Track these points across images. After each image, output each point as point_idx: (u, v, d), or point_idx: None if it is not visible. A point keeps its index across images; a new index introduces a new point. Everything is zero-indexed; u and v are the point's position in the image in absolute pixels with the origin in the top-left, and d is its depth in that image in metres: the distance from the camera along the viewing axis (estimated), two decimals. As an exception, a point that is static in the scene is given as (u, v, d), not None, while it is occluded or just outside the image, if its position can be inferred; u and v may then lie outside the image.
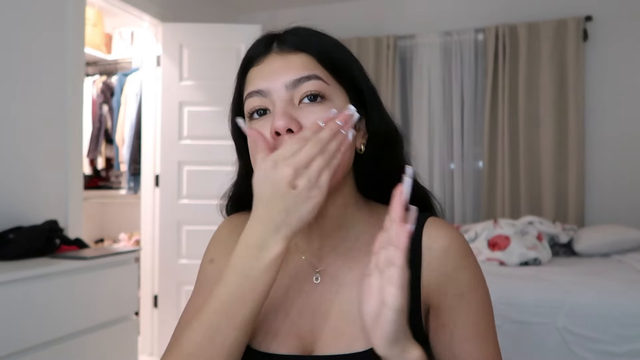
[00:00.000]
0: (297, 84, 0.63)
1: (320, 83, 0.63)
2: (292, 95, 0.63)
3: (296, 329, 0.67)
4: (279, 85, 0.63)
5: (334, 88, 0.65)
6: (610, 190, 3.25)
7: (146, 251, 3.09)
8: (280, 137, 0.62)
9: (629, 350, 1.88)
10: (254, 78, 0.66)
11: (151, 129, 3.11)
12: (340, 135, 0.59)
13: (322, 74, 0.64)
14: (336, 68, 0.66)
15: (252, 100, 0.65)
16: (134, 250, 2.01)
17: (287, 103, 0.63)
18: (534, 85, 3.36)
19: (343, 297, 0.67)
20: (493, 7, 3.50)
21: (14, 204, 1.96)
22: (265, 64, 0.66)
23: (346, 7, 3.75)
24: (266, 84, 0.64)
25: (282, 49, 0.66)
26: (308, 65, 0.64)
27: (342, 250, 0.70)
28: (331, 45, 0.68)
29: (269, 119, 0.64)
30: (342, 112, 0.61)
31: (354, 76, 0.68)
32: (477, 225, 2.88)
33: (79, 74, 2.30)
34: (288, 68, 0.64)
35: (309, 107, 0.63)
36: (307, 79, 0.63)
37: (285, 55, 0.65)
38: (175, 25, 3.08)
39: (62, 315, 1.62)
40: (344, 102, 0.66)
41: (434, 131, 3.59)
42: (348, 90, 0.67)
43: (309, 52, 0.65)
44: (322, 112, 0.62)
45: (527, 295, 2.05)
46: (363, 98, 0.69)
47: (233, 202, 0.80)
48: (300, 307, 0.68)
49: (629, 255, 2.61)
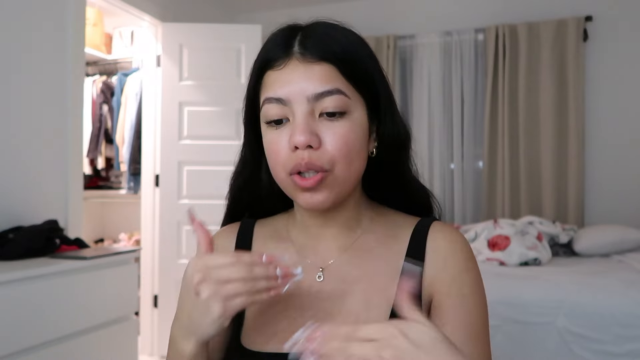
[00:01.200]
0: (319, 97, 0.62)
1: (342, 98, 0.62)
2: (314, 108, 0.62)
3: (296, 328, 0.66)
4: (301, 97, 0.62)
5: (354, 100, 0.64)
6: (610, 190, 3.25)
7: (146, 251, 3.09)
8: (299, 151, 0.62)
9: (629, 350, 1.88)
10: (272, 83, 0.64)
11: (151, 129, 3.11)
12: (275, 282, 0.57)
13: (344, 87, 0.63)
14: (357, 78, 0.65)
15: (270, 107, 0.64)
16: (134, 250, 2.01)
17: (307, 116, 0.62)
18: (534, 85, 3.36)
19: (346, 296, 0.66)
20: (493, 7, 3.50)
21: (14, 204, 1.96)
22: (286, 71, 0.63)
23: (346, 7, 3.75)
24: (286, 94, 0.62)
25: (305, 56, 0.63)
26: (331, 77, 0.63)
27: (347, 250, 0.70)
28: (354, 51, 0.65)
29: (287, 129, 0.63)
30: (288, 270, 0.58)
31: (374, 85, 0.67)
32: (477, 225, 2.88)
33: (79, 74, 2.30)
34: (310, 79, 0.62)
35: (329, 123, 0.62)
36: (329, 93, 0.62)
37: (308, 65, 0.63)
38: (175, 25, 3.08)
39: (62, 315, 1.61)
40: (362, 111, 0.65)
41: (434, 131, 3.59)
42: (367, 98, 0.66)
43: (332, 62, 0.63)
44: (341, 129, 0.62)
45: (527, 295, 2.05)
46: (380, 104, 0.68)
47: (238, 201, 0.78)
48: (302, 306, 0.67)
49: (629, 255, 2.61)
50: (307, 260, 0.71)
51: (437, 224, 0.70)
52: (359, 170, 0.66)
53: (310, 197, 0.63)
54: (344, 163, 0.63)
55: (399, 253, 0.69)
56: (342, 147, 0.62)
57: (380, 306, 0.65)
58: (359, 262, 0.69)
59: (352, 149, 0.63)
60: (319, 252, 0.71)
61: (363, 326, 0.47)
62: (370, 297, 0.66)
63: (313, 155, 0.61)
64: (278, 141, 0.64)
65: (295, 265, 0.59)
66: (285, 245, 0.73)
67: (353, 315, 0.65)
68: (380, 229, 0.72)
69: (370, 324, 0.47)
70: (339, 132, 0.62)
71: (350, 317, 0.65)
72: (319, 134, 0.62)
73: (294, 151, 0.62)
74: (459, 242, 0.68)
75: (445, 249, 0.67)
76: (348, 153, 0.63)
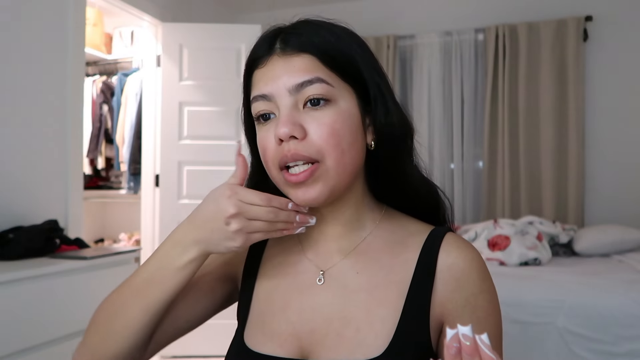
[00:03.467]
0: (299, 88, 0.61)
1: (323, 86, 0.62)
2: (297, 100, 0.62)
3: (295, 331, 0.65)
4: (282, 90, 0.62)
5: (340, 88, 0.63)
6: (610, 190, 3.24)
7: (146, 251, 3.09)
8: (284, 144, 0.61)
9: (629, 350, 1.88)
10: (257, 81, 0.65)
11: (151, 129, 3.11)
12: (291, 225, 0.63)
13: (325, 76, 0.62)
14: (340, 67, 0.63)
15: (257, 105, 0.64)
16: (134, 250, 2.01)
17: (291, 109, 0.62)
18: (534, 85, 3.36)
19: (347, 301, 0.64)
20: (493, 7, 3.50)
21: (14, 204, 1.96)
22: (268, 67, 0.64)
23: (346, 7, 3.75)
24: (269, 89, 0.63)
25: (285, 50, 0.63)
26: (310, 67, 0.62)
27: (349, 253, 0.68)
28: (335, 41, 0.64)
29: (274, 124, 0.63)
30: (306, 218, 0.64)
31: (360, 74, 0.65)
32: (477, 225, 2.88)
33: (79, 74, 2.29)
34: (290, 72, 0.62)
35: (313, 112, 0.62)
36: (309, 82, 0.61)
37: (287, 58, 0.63)
38: (175, 25, 3.08)
39: (62, 315, 1.61)
40: (351, 101, 0.64)
41: (434, 131, 3.59)
42: (355, 87, 0.65)
43: (311, 52, 0.63)
44: (326, 117, 0.61)
45: (527, 295, 2.05)
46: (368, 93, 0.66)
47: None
48: (301, 308, 0.66)
49: (629, 255, 2.61)
50: (306, 256, 0.70)
51: (451, 237, 0.66)
52: (354, 163, 0.64)
53: (303, 194, 0.62)
54: (334, 153, 0.61)
55: (407, 263, 0.65)
56: (328, 137, 0.61)
57: (385, 319, 0.62)
58: (362, 268, 0.66)
59: (342, 139, 0.61)
60: (319, 253, 0.69)
61: None
62: (374, 308, 0.63)
63: (298, 146, 0.61)
64: (267, 137, 0.64)
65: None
66: (292, 243, 0.72)
67: (353, 325, 0.63)
68: (387, 234, 0.69)
69: None
70: (325, 121, 0.61)
71: (350, 326, 0.63)
72: (303, 125, 0.61)
73: (279, 144, 0.62)
74: (474, 261, 0.64)
75: (458, 268, 0.63)
76: (338, 143, 0.61)
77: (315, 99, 0.62)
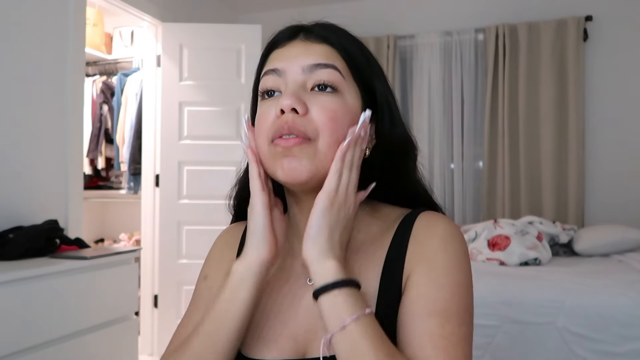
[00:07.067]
0: (313, 69, 0.64)
1: (336, 74, 0.64)
2: (306, 80, 0.64)
3: (290, 332, 0.65)
4: (296, 67, 0.64)
5: (349, 84, 0.65)
6: (610, 190, 3.24)
7: (146, 251, 3.09)
8: (284, 116, 0.62)
9: (629, 350, 1.88)
10: (273, 59, 0.67)
11: (151, 129, 3.11)
12: (360, 144, 0.63)
13: (340, 67, 0.65)
14: (356, 65, 0.66)
15: (266, 79, 0.66)
16: (134, 250, 2.01)
17: (299, 86, 0.63)
18: (534, 85, 3.36)
19: None
20: (493, 7, 3.50)
21: (14, 204, 1.96)
22: (288, 48, 0.66)
23: (346, 7, 3.75)
24: (283, 65, 0.65)
25: (308, 37, 0.67)
26: (329, 55, 0.65)
27: None
28: (356, 45, 0.68)
29: (277, 100, 0.64)
30: (365, 122, 0.63)
31: (371, 78, 0.67)
32: (477, 225, 2.88)
33: (79, 74, 2.30)
34: (308, 53, 0.65)
35: (319, 95, 0.63)
36: (324, 66, 0.64)
37: (309, 43, 0.66)
38: (175, 25, 3.08)
39: (62, 315, 1.61)
40: (356, 101, 0.66)
41: (434, 131, 3.59)
42: (362, 91, 0.67)
43: (332, 44, 0.66)
44: (330, 103, 0.63)
45: (527, 295, 2.05)
46: (376, 102, 0.68)
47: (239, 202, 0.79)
48: (294, 309, 0.67)
49: (629, 255, 2.61)
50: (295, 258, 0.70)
51: (425, 213, 0.68)
52: None
53: (288, 163, 0.61)
54: (329, 138, 0.62)
55: (384, 246, 0.67)
56: (328, 120, 0.62)
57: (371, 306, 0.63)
58: (349, 263, 0.66)
59: (340, 128, 0.62)
60: None
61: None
62: None
63: (297, 119, 0.61)
64: (267, 112, 0.64)
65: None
66: (289, 245, 0.72)
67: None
68: (373, 227, 0.70)
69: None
70: (328, 105, 0.62)
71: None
72: (307, 103, 0.62)
73: (279, 117, 0.62)
74: (439, 225, 0.66)
75: (424, 232, 0.65)
76: (335, 129, 0.62)
77: (324, 84, 0.63)
